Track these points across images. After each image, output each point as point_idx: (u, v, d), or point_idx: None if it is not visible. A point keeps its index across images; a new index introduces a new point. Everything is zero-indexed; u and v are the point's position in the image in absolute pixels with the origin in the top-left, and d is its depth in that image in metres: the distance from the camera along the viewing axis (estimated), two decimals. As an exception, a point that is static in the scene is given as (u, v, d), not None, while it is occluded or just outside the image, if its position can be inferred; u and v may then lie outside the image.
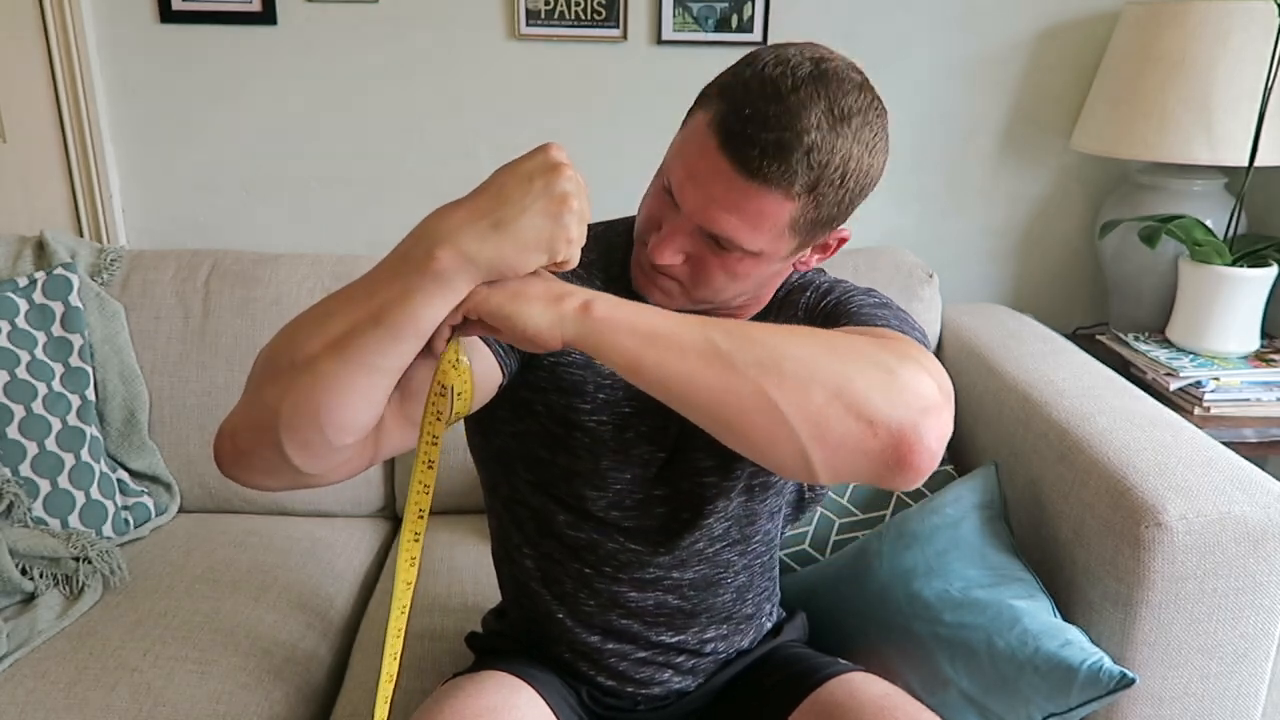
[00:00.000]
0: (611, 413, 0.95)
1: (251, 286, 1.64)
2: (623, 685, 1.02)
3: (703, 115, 0.80)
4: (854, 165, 0.78)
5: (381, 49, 1.80)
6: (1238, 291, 1.62)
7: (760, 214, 0.78)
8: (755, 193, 0.77)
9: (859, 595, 1.22)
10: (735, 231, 0.79)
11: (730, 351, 0.66)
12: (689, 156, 0.80)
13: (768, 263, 0.83)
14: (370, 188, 1.89)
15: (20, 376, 1.48)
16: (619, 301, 0.69)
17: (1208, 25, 1.59)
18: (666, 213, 0.83)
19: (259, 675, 1.23)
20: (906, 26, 1.84)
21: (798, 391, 0.66)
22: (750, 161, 0.76)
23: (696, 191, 0.79)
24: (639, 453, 0.96)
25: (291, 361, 0.71)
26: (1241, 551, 1.05)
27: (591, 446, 0.95)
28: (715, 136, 0.77)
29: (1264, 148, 1.59)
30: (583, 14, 1.78)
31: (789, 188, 0.77)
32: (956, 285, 1.95)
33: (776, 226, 0.79)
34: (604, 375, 0.94)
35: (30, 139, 1.80)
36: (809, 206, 0.78)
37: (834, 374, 0.66)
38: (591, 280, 0.95)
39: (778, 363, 0.66)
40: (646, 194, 0.88)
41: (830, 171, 0.77)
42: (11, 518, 1.41)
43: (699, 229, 0.81)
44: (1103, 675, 1.00)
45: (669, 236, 0.82)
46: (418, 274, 0.65)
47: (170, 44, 1.79)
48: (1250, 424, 1.55)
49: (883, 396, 0.67)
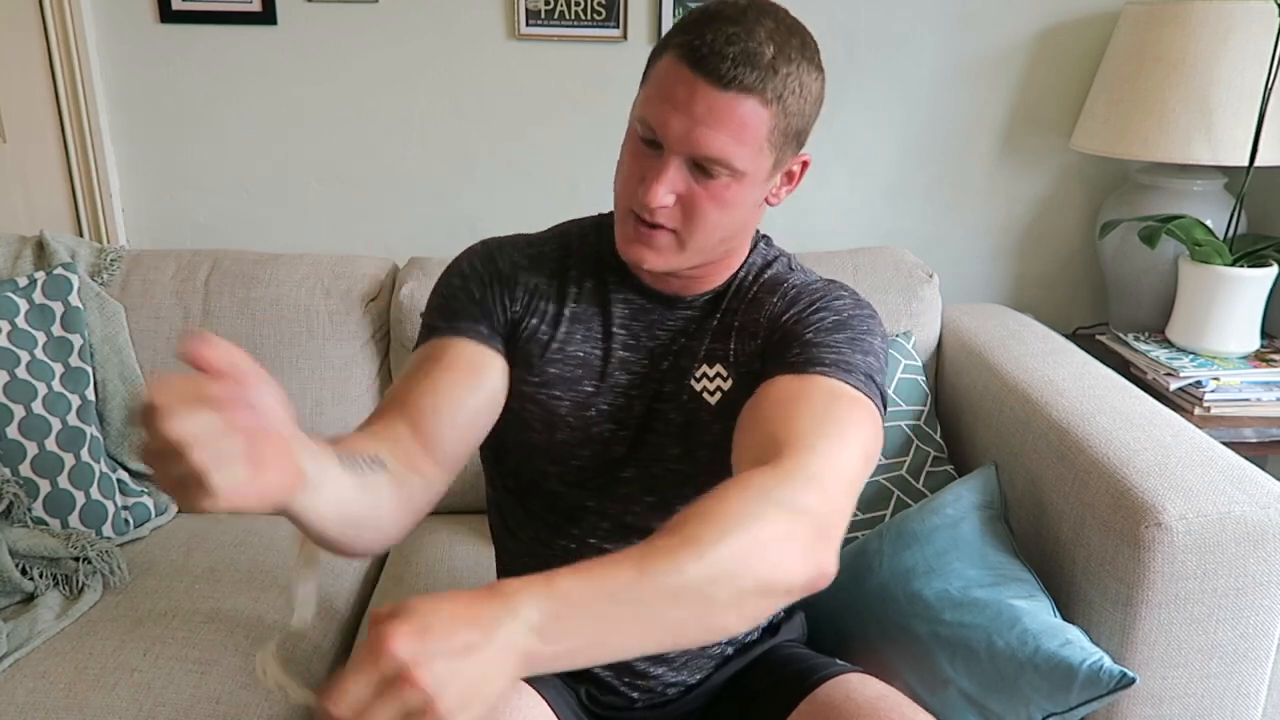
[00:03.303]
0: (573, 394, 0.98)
1: (251, 286, 1.64)
2: (620, 681, 1.02)
3: (667, 56, 0.85)
4: (806, 78, 0.85)
5: (381, 49, 1.80)
6: (1238, 291, 1.62)
7: (743, 124, 0.83)
8: (735, 102, 0.82)
9: (859, 595, 1.22)
10: (723, 148, 0.83)
11: (663, 611, 0.64)
12: (666, 90, 0.84)
13: (751, 186, 0.87)
14: (370, 188, 1.89)
15: (20, 376, 1.48)
16: (545, 620, 0.59)
17: (1208, 25, 1.59)
18: (647, 162, 0.87)
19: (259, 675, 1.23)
20: (907, 26, 1.84)
21: (731, 612, 0.67)
22: (726, 73, 0.81)
23: (680, 118, 0.83)
24: (599, 431, 0.98)
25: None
26: (1241, 551, 1.05)
27: (547, 420, 0.97)
28: (685, 63, 0.82)
29: (1264, 148, 1.59)
30: (583, 14, 1.78)
31: (763, 93, 0.82)
32: (956, 285, 1.95)
33: (757, 138, 0.84)
34: (572, 365, 0.98)
35: (30, 139, 1.80)
36: (780, 115, 0.84)
37: (755, 582, 0.67)
38: (569, 279, 0.99)
39: (706, 599, 0.65)
40: (620, 161, 0.91)
41: (792, 80, 0.83)
42: (11, 518, 1.41)
43: (686, 160, 0.85)
44: (1103, 675, 1.00)
45: (658, 177, 0.85)
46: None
47: (170, 44, 1.79)
48: (1250, 424, 1.55)
49: (796, 575, 0.70)
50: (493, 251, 1.00)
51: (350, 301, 1.64)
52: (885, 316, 1.62)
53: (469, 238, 2.02)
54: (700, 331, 0.98)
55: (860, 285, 1.63)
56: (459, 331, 0.94)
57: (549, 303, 0.98)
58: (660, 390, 0.97)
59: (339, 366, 1.62)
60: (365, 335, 1.64)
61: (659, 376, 0.98)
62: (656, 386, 0.97)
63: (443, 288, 0.99)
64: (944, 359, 1.67)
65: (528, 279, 0.99)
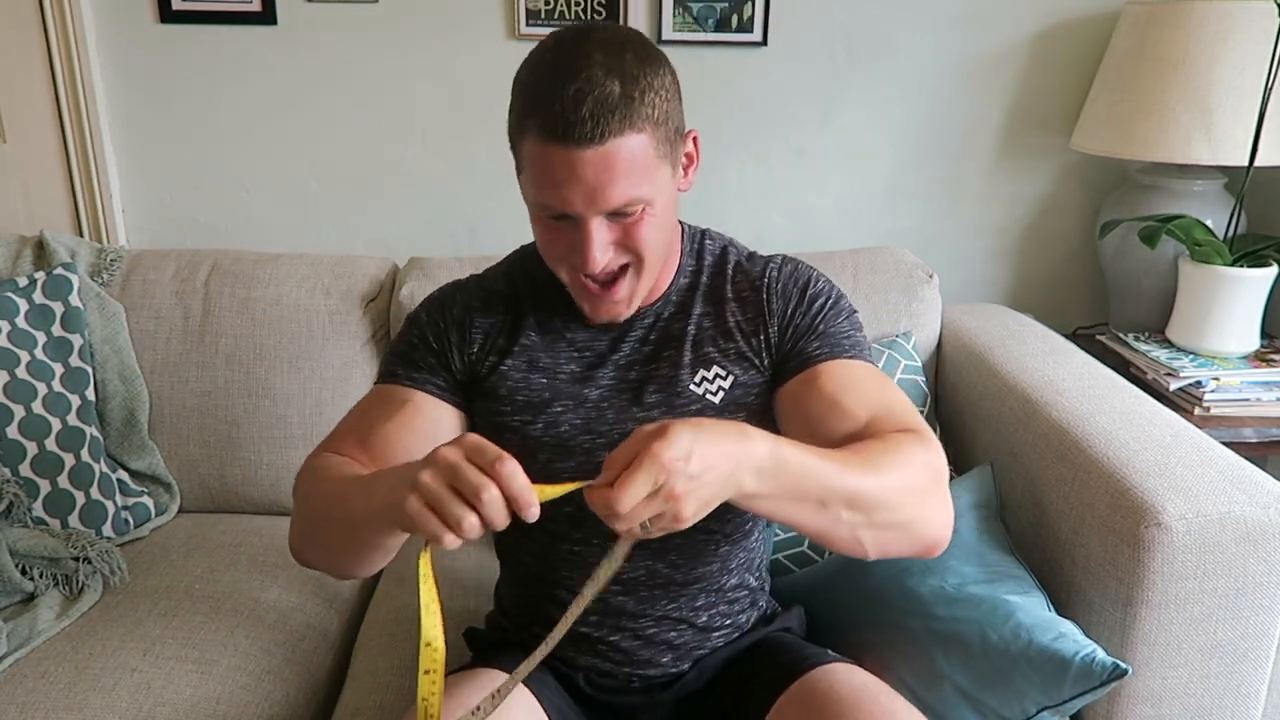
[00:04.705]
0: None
1: (251, 286, 1.64)
2: (620, 666, 1.04)
3: (530, 141, 0.86)
4: (657, 81, 0.86)
5: (381, 49, 1.80)
6: (1238, 291, 1.62)
7: (631, 162, 0.85)
8: (614, 149, 0.84)
9: (854, 592, 1.22)
10: (627, 192, 0.86)
11: (836, 508, 0.82)
12: (548, 174, 0.86)
13: (664, 198, 0.91)
14: (370, 188, 1.89)
15: (20, 376, 1.48)
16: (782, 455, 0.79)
17: (1208, 25, 1.59)
18: (570, 234, 0.90)
19: (259, 675, 1.23)
20: (907, 26, 1.84)
21: (879, 534, 0.86)
22: (590, 132, 0.83)
23: (576, 191, 0.85)
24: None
25: (313, 535, 0.97)
26: (1241, 551, 1.05)
27: (524, 445, 1.01)
28: (551, 141, 0.84)
29: (1264, 148, 1.59)
30: (583, 14, 1.78)
31: (633, 124, 0.84)
32: (956, 285, 1.95)
33: (649, 162, 0.87)
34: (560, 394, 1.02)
35: (30, 139, 1.80)
36: (656, 128, 0.86)
37: (905, 519, 0.86)
38: (523, 311, 1.04)
39: (869, 514, 0.83)
40: (539, 239, 0.96)
41: (648, 95, 0.85)
42: (11, 518, 1.41)
43: (601, 219, 0.88)
44: (1095, 666, 1.00)
45: (588, 244, 0.88)
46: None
47: (170, 44, 1.79)
48: (1250, 424, 1.55)
49: (933, 528, 0.89)
50: (446, 299, 1.06)
51: (350, 301, 1.64)
52: (885, 316, 1.63)
53: (469, 238, 2.04)
54: (675, 338, 1.02)
55: (860, 285, 1.63)
56: (417, 384, 1.02)
57: (505, 338, 1.04)
58: (640, 396, 1.01)
59: (339, 366, 1.62)
60: (365, 335, 1.64)
61: (635, 382, 1.02)
62: (635, 393, 1.01)
63: (404, 335, 1.06)
64: (944, 359, 1.67)
65: (482, 320, 1.04)
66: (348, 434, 1.02)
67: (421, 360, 1.03)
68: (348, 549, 0.92)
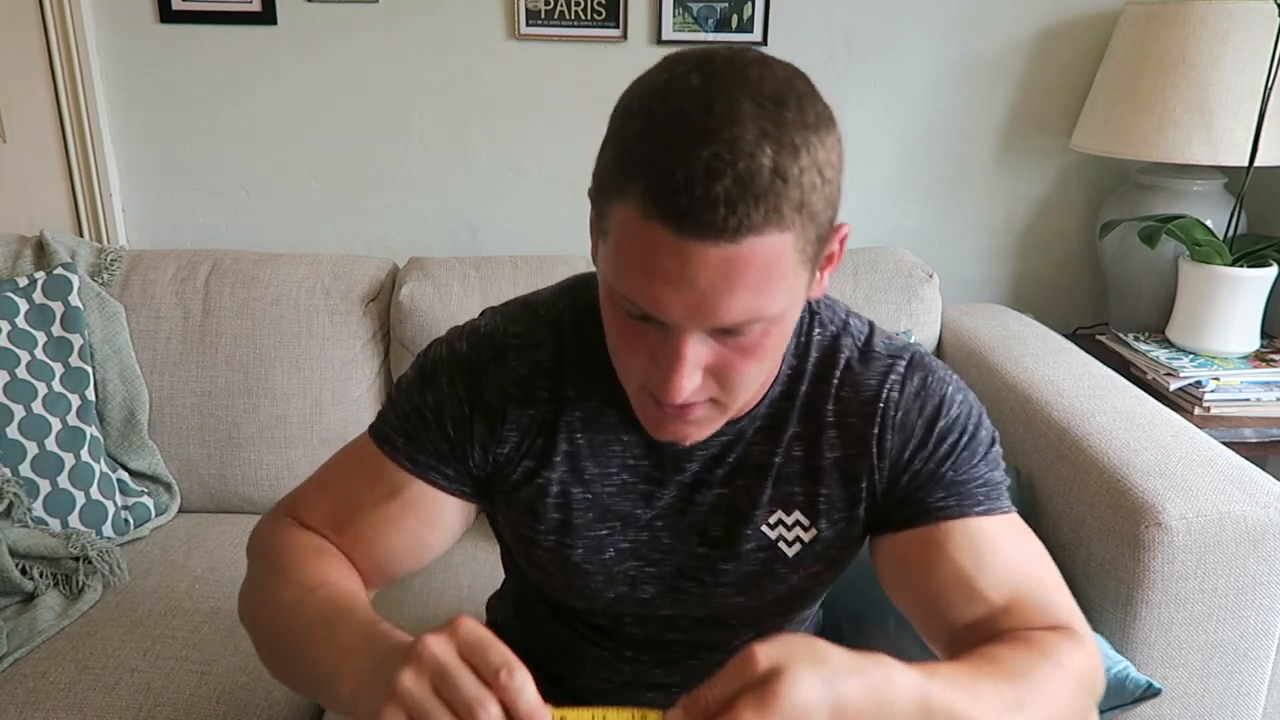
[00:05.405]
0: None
1: (251, 286, 1.63)
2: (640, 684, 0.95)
3: (621, 210, 0.61)
4: (821, 153, 0.61)
5: (382, 49, 1.80)
6: (1238, 291, 1.62)
7: (765, 269, 0.61)
8: (747, 250, 0.59)
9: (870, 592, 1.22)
10: (749, 308, 0.62)
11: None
12: (644, 260, 0.61)
13: (791, 315, 0.67)
14: (370, 188, 1.89)
15: (20, 376, 1.48)
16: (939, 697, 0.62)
17: (1208, 25, 1.59)
18: (652, 340, 0.66)
19: (259, 675, 1.23)
20: (906, 26, 1.84)
21: None
22: (721, 222, 0.58)
23: (680, 294, 0.61)
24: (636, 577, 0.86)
25: (263, 646, 0.78)
26: (1241, 551, 1.05)
27: (560, 564, 0.85)
28: (660, 222, 0.59)
29: (1264, 148, 1.59)
30: (583, 14, 1.78)
31: (780, 217, 0.59)
32: (956, 285, 1.95)
33: (786, 269, 0.62)
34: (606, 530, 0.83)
35: (30, 139, 1.80)
36: (807, 223, 0.61)
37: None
38: (567, 396, 0.80)
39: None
40: (609, 334, 0.71)
41: (808, 174, 0.60)
42: (11, 518, 1.41)
43: (702, 334, 0.64)
44: (1128, 685, 0.99)
45: (675, 366, 0.64)
46: (371, 692, 0.60)
47: (170, 44, 1.79)
48: (1250, 424, 1.55)
49: None
50: (477, 371, 0.80)
51: (350, 301, 1.64)
52: (885, 317, 1.63)
53: (469, 238, 2.03)
54: (756, 465, 0.80)
55: (860, 285, 1.63)
56: (419, 469, 0.80)
57: (545, 437, 0.80)
58: (705, 527, 0.82)
59: (339, 366, 1.62)
60: (365, 335, 1.64)
61: (701, 508, 0.82)
62: (699, 520, 0.82)
63: (415, 392, 0.81)
64: (944, 359, 1.67)
65: (518, 414, 0.80)
66: (321, 503, 0.83)
67: (429, 443, 0.80)
68: (302, 689, 0.75)
